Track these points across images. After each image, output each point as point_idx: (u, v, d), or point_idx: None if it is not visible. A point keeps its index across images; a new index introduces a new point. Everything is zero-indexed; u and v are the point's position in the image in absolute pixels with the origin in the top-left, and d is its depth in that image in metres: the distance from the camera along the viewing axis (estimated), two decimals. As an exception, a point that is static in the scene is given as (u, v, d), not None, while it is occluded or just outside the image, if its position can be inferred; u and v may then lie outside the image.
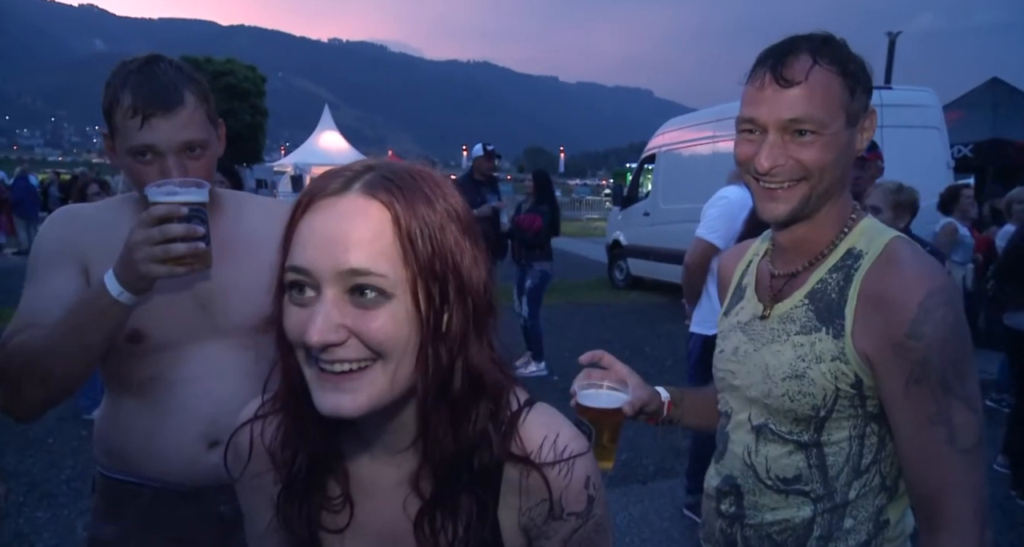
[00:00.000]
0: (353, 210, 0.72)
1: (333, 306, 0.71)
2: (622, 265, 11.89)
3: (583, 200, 39.12)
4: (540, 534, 0.85)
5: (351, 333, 0.71)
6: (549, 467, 0.82)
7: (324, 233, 0.72)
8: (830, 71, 1.07)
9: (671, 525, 3.73)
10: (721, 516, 1.28)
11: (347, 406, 0.72)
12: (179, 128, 1.33)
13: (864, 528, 1.14)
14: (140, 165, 1.34)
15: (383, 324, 0.71)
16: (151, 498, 1.44)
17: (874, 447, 1.13)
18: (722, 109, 9.38)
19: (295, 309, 0.73)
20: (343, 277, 0.71)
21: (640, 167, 11.77)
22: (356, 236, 0.71)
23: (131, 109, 1.30)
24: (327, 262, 0.71)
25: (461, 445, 0.80)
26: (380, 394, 0.74)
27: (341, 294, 0.71)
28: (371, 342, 0.71)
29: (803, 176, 1.09)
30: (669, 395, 1.38)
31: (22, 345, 1.27)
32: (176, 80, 1.34)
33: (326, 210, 0.73)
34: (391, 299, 0.72)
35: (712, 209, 3.44)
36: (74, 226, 1.44)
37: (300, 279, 0.73)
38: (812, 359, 1.11)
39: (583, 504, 0.84)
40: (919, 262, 1.09)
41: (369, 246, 0.71)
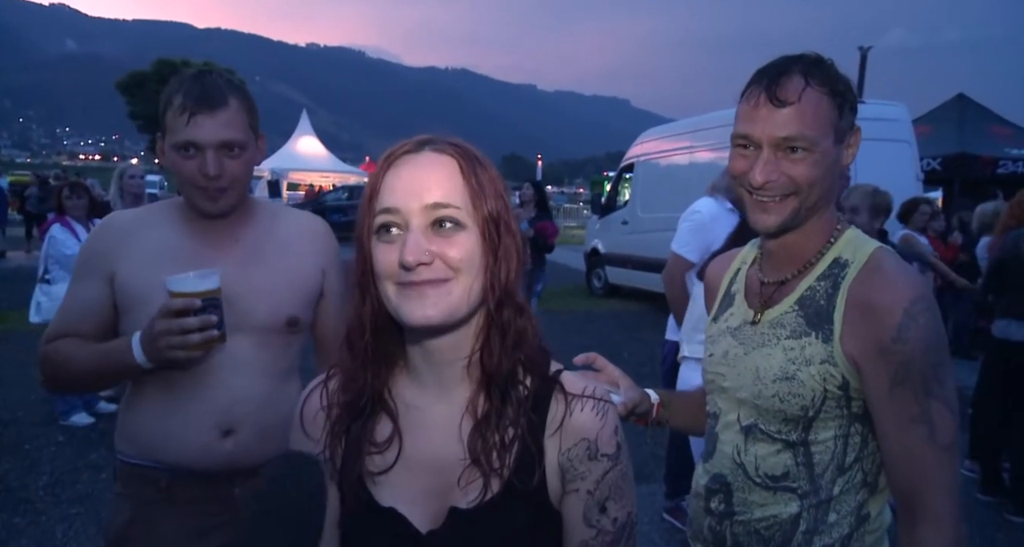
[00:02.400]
0: (429, 161, 0.90)
1: (421, 234, 0.87)
2: (600, 273, 11.99)
3: (561, 208, 39.28)
4: (576, 475, 0.94)
5: (435, 256, 0.86)
6: (590, 406, 0.95)
7: (408, 178, 0.88)
8: (821, 91, 1.14)
9: (651, 529, 3.78)
10: (710, 514, 1.33)
11: (432, 313, 0.86)
12: (221, 126, 1.47)
13: (847, 522, 1.20)
14: (183, 159, 1.48)
15: (461, 245, 0.88)
16: (168, 482, 1.52)
17: (857, 446, 1.20)
18: (700, 120, 9.54)
19: (384, 246, 0.88)
20: (426, 211, 0.87)
21: (619, 176, 11.89)
22: (435, 178, 0.88)
23: (180, 107, 1.46)
24: (413, 199, 0.87)
25: (511, 361, 0.93)
26: (458, 303, 0.88)
27: (425, 227, 0.87)
28: (451, 261, 0.87)
29: (794, 191, 1.16)
30: (658, 397, 1.44)
31: (57, 355, 1.52)
32: (223, 86, 1.51)
33: (407, 163, 0.90)
34: (464, 229, 0.88)
35: (685, 223, 3.51)
36: (105, 239, 1.59)
37: (389, 219, 0.88)
38: (802, 362, 1.18)
39: (614, 447, 0.95)
40: (903, 271, 1.16)
41: (446, 185, 0.88)
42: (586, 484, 0.94)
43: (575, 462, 0.94)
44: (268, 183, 31.98)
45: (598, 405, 0.96)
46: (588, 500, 0.95)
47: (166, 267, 1.48)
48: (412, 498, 0.94)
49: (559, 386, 0.96)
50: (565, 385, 0.96)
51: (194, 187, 1.50)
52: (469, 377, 0.95)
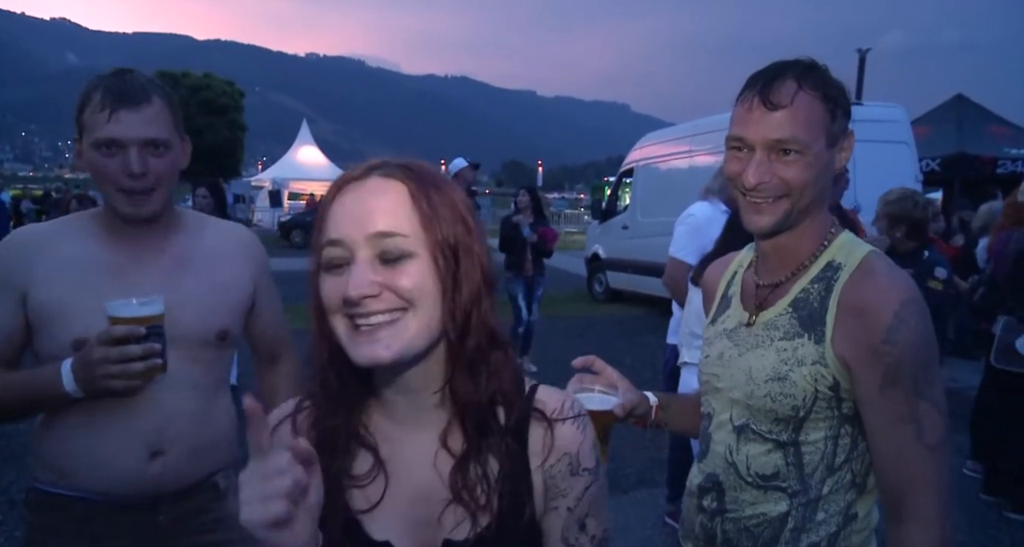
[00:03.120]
0: (376, 187, 0.85)
1: (366, 265, 0.82)
2: (601, 278, 12.00)
3: (562, 213, 39.28)
4: (557, 493, 0.93)
5: (383, 287, 0.82)
6: (570, 422, 0.94)
7: (353, 207, 0.84)
8: (813, 95, 1.15)
9: (653, 533, 3.78)
10: (702, 511, 1.34)
11: (383, 353, 0.82)
12: (144, 123, 1.39)
13: (834, 521, 1.22)
14: (104, 158, 1.39)
15: (411, 276, 0.83)
16: (88, 510, 1.42)
17: (847, 447, 1.21)
18: (699, 124, 9.56)
19: (331, 278, 0.84)
20: (372, 240, 0.82)
21: (619, 181, 11.91)
22: (381, 206, 0.84)
23: (100, 104, 1.38)
24: (358, 230, 0.83)
25: (482, 394, 0.89)
26: (412, 339, 0.83)
27: (372, 257, 0.83)
28: (402, 292, 0.82)
29: (786, 193, 1.18)
30: (657, 399, 1.45)
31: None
32: (144, 83, 1.43)
33: (353, 191, 0.86)
34: (414, 257, 0.83)
35: (680, 227, 3.59)
36: (16, 254, 1.46)
37: (335, 253, 0.84)
38: (794, 363, 1.19)
39: (593, 462, 0.95)
40: (893, 275, 1.18)
41: (392, 212, 0.84)
42: (567, 501, 0.93)
43: (557, 479, 0.93)
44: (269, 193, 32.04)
45: (577, 420, 0.95)
46: (568, 517, 0.93)
47: (85, 281, 1.41)
48: (403, 531, 0.90)
49: (537, 412, 0.93)
50: (542, 408, 0.94)
51: (116, 189, 1.40)
52: (443, 409, 0.92)
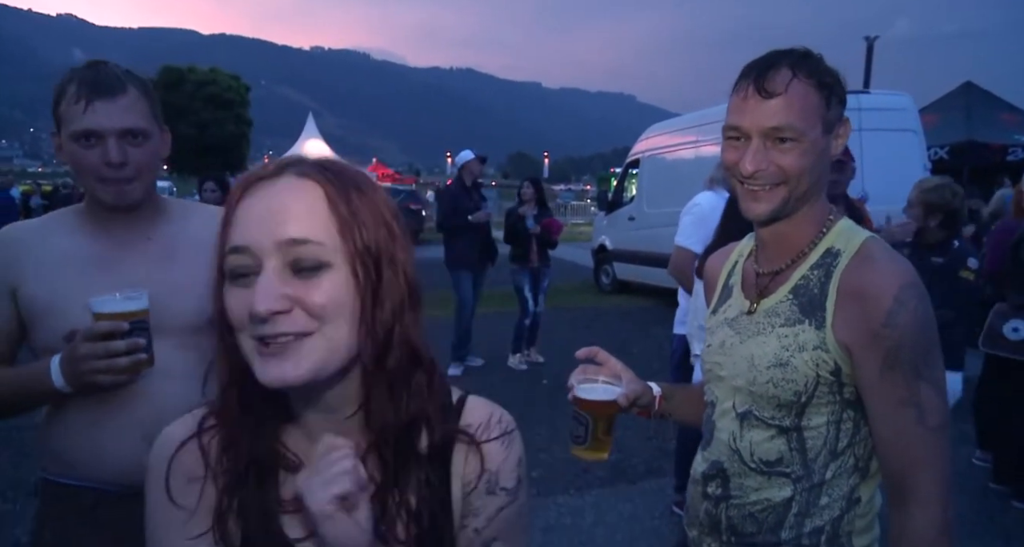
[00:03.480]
0: (288, 187, 0.76)
1: (276, 276, 0.73)
2: (608, 269, 11.99)
3: (568, 205, 39.23)
4: (469, 511, 0.87)
5: (294, 302, 0.73)
6: (496, 441, 0.88)
7: (261, 210, 0.75)
8: (808, 83, 1.16)
9: (660, 523, 3.80)
10: (707, 498, 1.35)
11: (290, 373, 0.73)
12: (121, 112, 1.40)
13: (838, 505, 1.23)
14: (83, 150, 1.40)
15: (325, 290, 0.74)
16: (94, 499, 1.44)
17: (849, 431, 1.22)
18: (704, 114, 9.52)
19: (238, 291, 0.75)
20: (282, 248, 0.73)
21: (625, 172, 11.89)
22: (293, 209, 0.74)
23: (75, 96, 1.39)
24: (266, 236, 0.73)
25: (401, 417, 0.81)
26: (322, 360, 0.75)
27: (282, 267, 0.73)
28: (313, 308, 0.73)
29: (783, 180, 1.19)
30: (661, 390, 1.46)
31: None
32: (119, 73, 1.43)
33: (262, 190, 0.76)
34: (330, 268, 0.75)
35: (686, 217, 3.61)
36: (5, 252, 1.47)
37: (241, 262, 0.74)
38: (795, 349, 1.20)
39: (513, 481, 0.89)
40: (892, 259, 1.19)
41: (306, 217, 0.74)
42: (477, 521, 0.86)
43: (472, 497, 0.87)
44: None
45: (503, 438, 0.89)
46: (474, 538, 0.87)
47: (74, 274, 1.42)
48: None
49: (462, 434, 0.87)
50: (468, 428, 0.88)
51: (97, 179, 1.41)
52: (363, 432, 0.83)
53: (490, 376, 6.63)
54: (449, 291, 6.87)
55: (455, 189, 6.82)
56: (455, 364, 6.72)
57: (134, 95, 1.42)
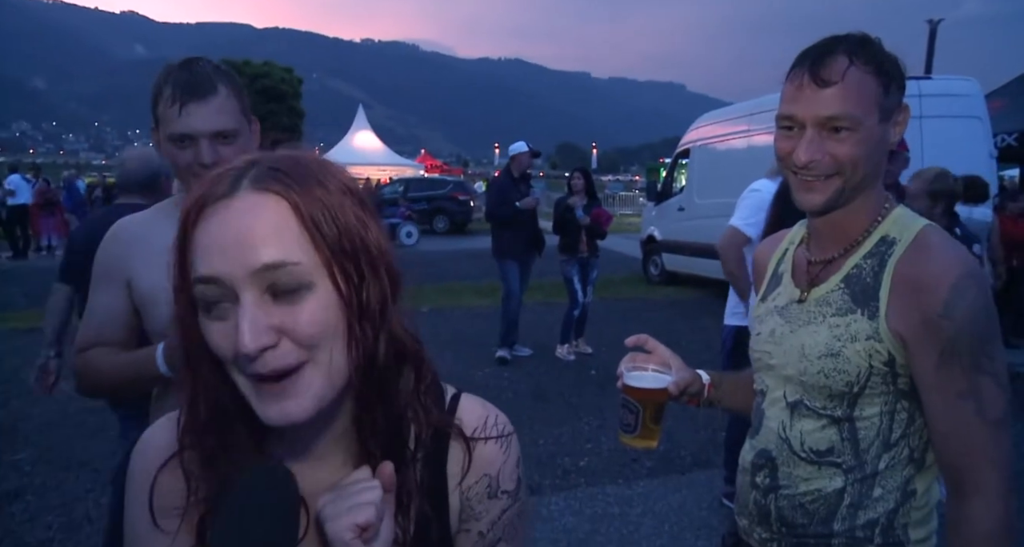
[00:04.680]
0: (249, 206, 0.68)
1: (257, 308, 0.67)
2: (657, 260, 11.88)
3: (616, 196, 38.85)
4: (471, 515, 0.85)
5: (281, 333, 0.68)
6: (493, 442, 0.85)
7: (226, 236, 0.67)
8: (865, 70, 1.13)
9: (709, 514, 3.78)
10: (756, 488, 1.34)
11: (295, 411, 0.69)
12: (212, 114, 1.48)
13: (892, 497, 1.21)
14: (178, 150, 1.50)
15: (312, 314, 0.69)
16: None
17: (904, 422, 1.20)
18: (756, 103, 9.32)
19: (216, 325, 0.69)
20: (258, 276, 0.67)
21: (674, 162, 11.73)
22: (260, 231, 0.67)
23: (171, 98, 1.48)
24: (237, 265, 0.66)
25: (392, 417, 0.78)
26: (323, 389, 0.71)
27: (260, 295, 0.67)
28: (303, 337, 0.68)
29: (837, 171, 1.16)
30: (710, 378, 1.46)
31: (88, 366, 1.58)
32: (211, 73, 1.52)
33: (220, 213, 0.69)
34: (312, 288, 0.69)
35: (744, 201, 3.55)
36: (118, 245, 1.61)
37: (212, 292, 0.68)
38: (847, 339, 1.19)
39: (514, 484, 0.87)
40: (950, 248, 1.16)
41: (277, 238, 0.68)
42: (480, 525, 0.85)
43: (473, 501, 0.84)
44: (327, 178, 32.67)
45: (501, 440, 0.86)
46: (479, 541, 0.85)
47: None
48: None
49: (456, 430, 0.84)
50: (462, 425, 0.85)
51: (192, 176, 1.50)
52: (351, 437, 0.79)
53: (538, 366, 6.66)
54: (496, 281, 6.91)
55: (503, 180, 6.84)
56: (503, 348, 6.81)
57: (224, 95, 1.50)
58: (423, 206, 21.27)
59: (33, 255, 15.12)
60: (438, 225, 21.48)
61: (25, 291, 10.19)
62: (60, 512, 3.75)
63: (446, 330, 7.98)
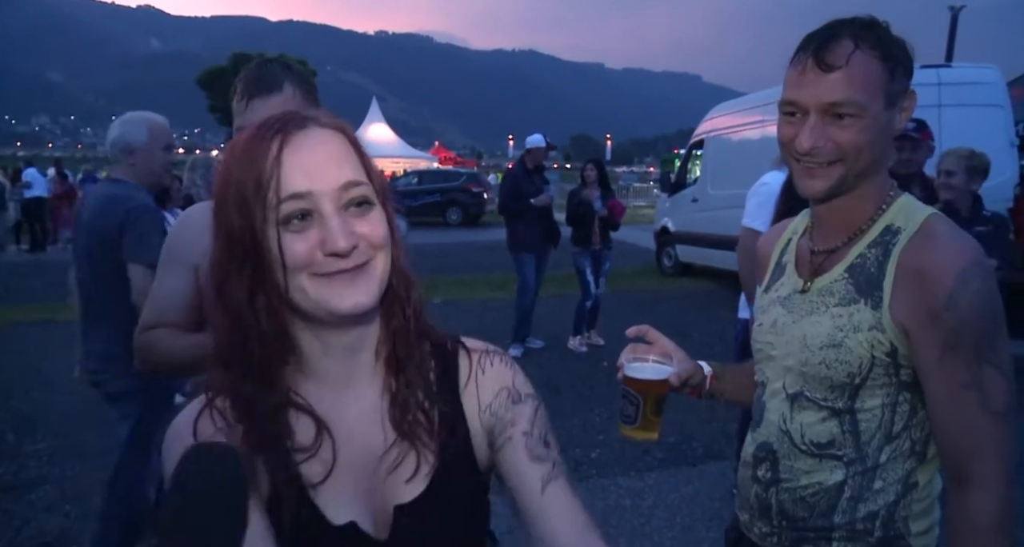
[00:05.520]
0: (324, 138, 0.83)
1: (341, 217, 0.80)
2: (670, 252, 11.83)
3: (630, 187, 38.58)
4: (505, 424, 0.93)
5: (359, 238, 0.81)
6: (497, 358, 0.97)
7: (312, 159, 0.80)
8: (871, 55, 1.11)
9: (721, 505, 3.78)
10: (757, 482, 1.33)
11: (363, 299, 0.81)
12: (275, 110, 1.52)
13: (893, 489, 1.20)
14: None
15: (379, 224, 0.84)
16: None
17: (906, 414, 1.19)
18: (771, 93, 9.22)
19: (295, 236, 0.79)
20: (339, 192, 0.80)
21: (688, 153, 11.65)
22: (339, 156, 0.82)
23: (240, 94, 1.58)
24: (325, 181, 0.80)
25: (410, 329, 0.90)
26: (380, 284, 0.84)
27: (338, 209, 0.80)
28: (374, 241, 0.82)
29: (840, 157, 1.14)
30: (712, 369, 1.45)
31: (153, 344, 1.65)
32: (278, 72, 1.59)
33: (301, 143, 0.81)
34: (373, 205, 0.84)
35: (753, 198, 3.51)
36: (187, 231, 1.68)
37: (301, 206, 0.79)
38: (850, 329, 1.17)
39: (531, 389, 0.97)
40: (956, 237, 1.14)
41: (350, 162, 0.83)
42: (520, 427, 0.92)
43: (500, 412, 0.93)
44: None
45: (504, 357, 0.98)
46: (528, 440, 0.92)
47: None
48: (356, 503, 0.87)
49: (462, 346, 0.97)
50: (467, 344, 0.98)
51: None
52: (377, 360, 0.91)
53: (550, 358, 6.66)
54: (511, 273, 6.90)
55: (517, 172, 6.83)
56: (515, 345, 6.76)
57: (289, 93, 1.57)
58: (436, 198, 21.28)
59: (51, 248, 15.31)
60: (451, 217, 21.43)
61: (44, 283, 10.33)
62: (78, 501, 3.81)
63: (459, 322, 8.00)
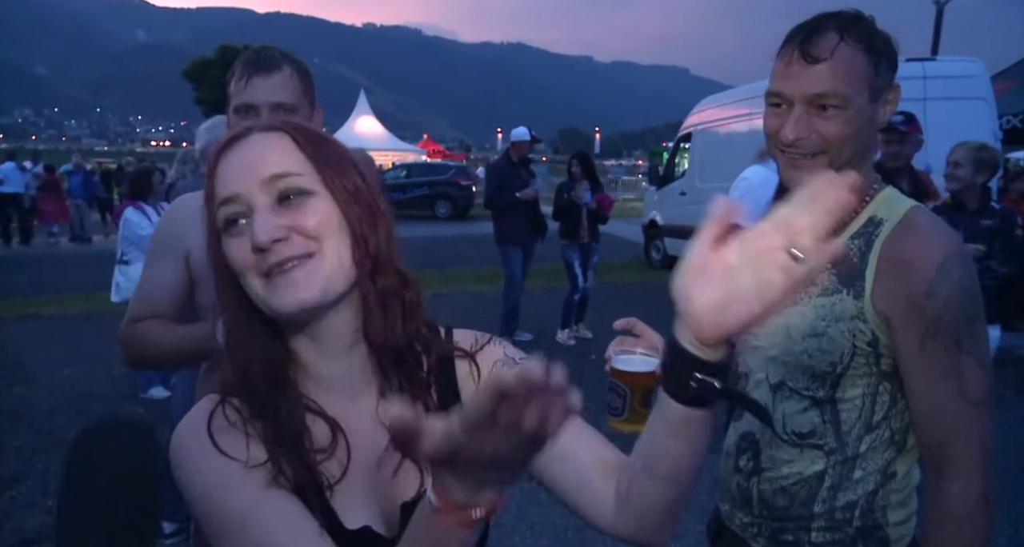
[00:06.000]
0: (258, 140, 0.84)
1: (268, 211, 0.79)
2: (659, 245, 11.87)
3: (619, 181, 38.67)
4: None
5: (289, 230, 0.79)
6: (487, 345, 0.98)
7: (240, 161, 0.82)
8: (856, 48, 1.12)
9: (709, 498, 3.76)
10: (739, 472, 1.35)
11: (304, 295, 0.79)
12: (275, 88, 1.57)
13: (872, 479, 1.21)
14: (240, 120, 1.57)
15: (313, 212, 0.81)
16: None
17: (886, 404, 1.20)
18: (758, 86, 9.23)
19: (235, 240, 0.81)
20: (267, 186, 0.80)
21: (676, 146, 11.68)
22: (267, 153, 0.82)
23: (239, 74, 1.59)
24: (250, 180, 0.80)
25: (399, 336, 0.87)
26: (328, 277, 0.81)
27: (271, 203, 0.80)
28: (308, 231, 0.80)
29: (824, 149, 1.16)
30: None
31: (143, 336, 1.63)
32: (278, 55, 1.62)
33: (235, 148, 0.84)
34: (314, 194, 0.82)
35: (735, 192, 3.56)
36: (177, 220, 1.68)
37: (232, 210, 0.80)
38: (832, 319, 1.18)
39: (522, 353, 0.99)
40: (937, 228, 1.15)
41: (280, 156, 0.82)
42: None
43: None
44: (329, 164, 32.68)
45: (492, 341, 1.00)
46: None
47: None
48: (367, 504, 0.87)
49: (459, 350, 0.96)
50: (460, 344, 0.97)
51: None
52: (372, 361, 0.89)
53: (538, 351, 6.62)
54: (498, 266, 6.89)
55: (502, 166, 6.82)
56: (503, 338, 6.74)
57: (288, 73, 1.59)
58: (425, 191, 21.24)
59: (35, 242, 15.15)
60: (440, 210, 21.42)
61: (29, 279, 10.23)
62: (62, 497, 3.78)
63: (447, 315, 7.88)
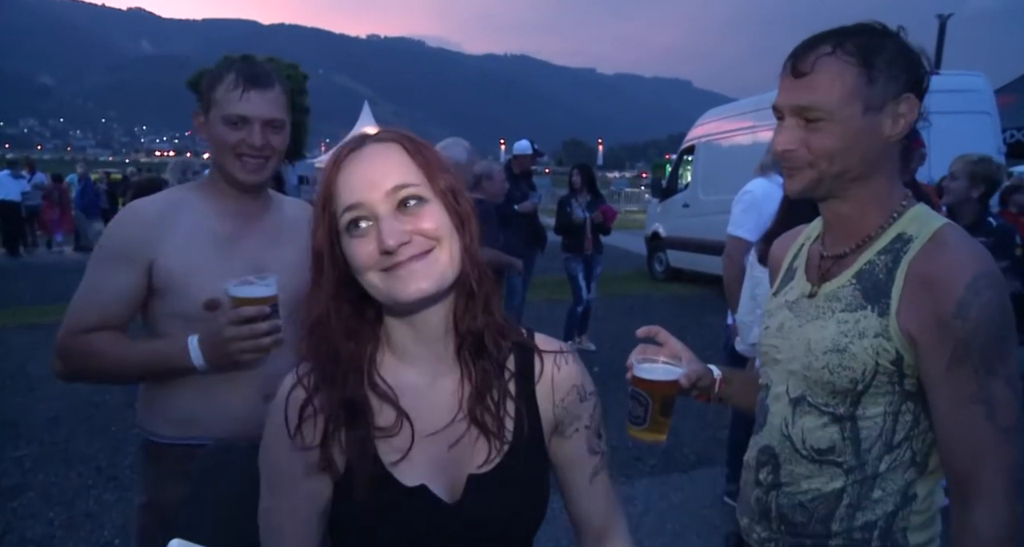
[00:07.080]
0: (375, 152, 0.95)
1: (393, 219, 0.91)
2: (661, 257, 11.85)
3: (622, 192, 38.71)
4: (573, 418, 1.09)
5: (411, 233, 0.91)
6: (571, 357, 1.10)
7: (362, 172, 0.93)
8: (846, 61, 1.11)
9: (711, 512, 3.76)
10: (758, 485, 1.33)
11: (423, 285, 0.91)
12: (269, 103, 1.60)
13: (892, 500, 1.18)
14: (230, 131, 1.60)
15: (431, 217, 0.93)
16: (211, 456, 1.50)
17: (908, 424, 1.17)
18: (761, 99, 9.26)
19: (358, 241, 0.92)
20: (389, 196, 0.92)
21: (679, 158, 11.69)
22: (388, 164, 0.94)
23: (234, 83, 1.59)
24: (375, 190, 0.92)
25: (479, 323, 1.00)
26: (444, 270, 0.94)
27: (393, 211, 0.92)
28: (429, 233, 0.93)
29: (810, 162, 1.16)
30: (721, 373, 1.44)
31: (93, 348, 1.56)
32: (269, 70, 1.67)
33: (354, 160, 0.95)
34: (428, 202, 0.94)
35: (738, 205, 3.55)
36: (137, 226, 1.61)
37: (356, 215, 0.92)
38: (855, 335, 1.16)
39: (592, 384, 1.13)
40: (968, 246, 1.12)
41: (398, 168, 0.94)
42: (583, 421, 1.10)
43: (570, 409, 1.08)
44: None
45: (573, 356, 1.11)
46: (588, 433, 1.11)
47: (204, 248, 1.57)
48: (434, 473, 0.99)
49: (536, 348, 1.08)
50: (540, 346, 1.08)
51: (235, 156, 1.60)
52: (455, 352, 1.02)
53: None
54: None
55: (503, 177, 6.82)
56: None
57: (279, 90, 1.65)
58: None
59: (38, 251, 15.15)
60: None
61: (31, 287, 10.23)
62: (61, 508, 3.75)
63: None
